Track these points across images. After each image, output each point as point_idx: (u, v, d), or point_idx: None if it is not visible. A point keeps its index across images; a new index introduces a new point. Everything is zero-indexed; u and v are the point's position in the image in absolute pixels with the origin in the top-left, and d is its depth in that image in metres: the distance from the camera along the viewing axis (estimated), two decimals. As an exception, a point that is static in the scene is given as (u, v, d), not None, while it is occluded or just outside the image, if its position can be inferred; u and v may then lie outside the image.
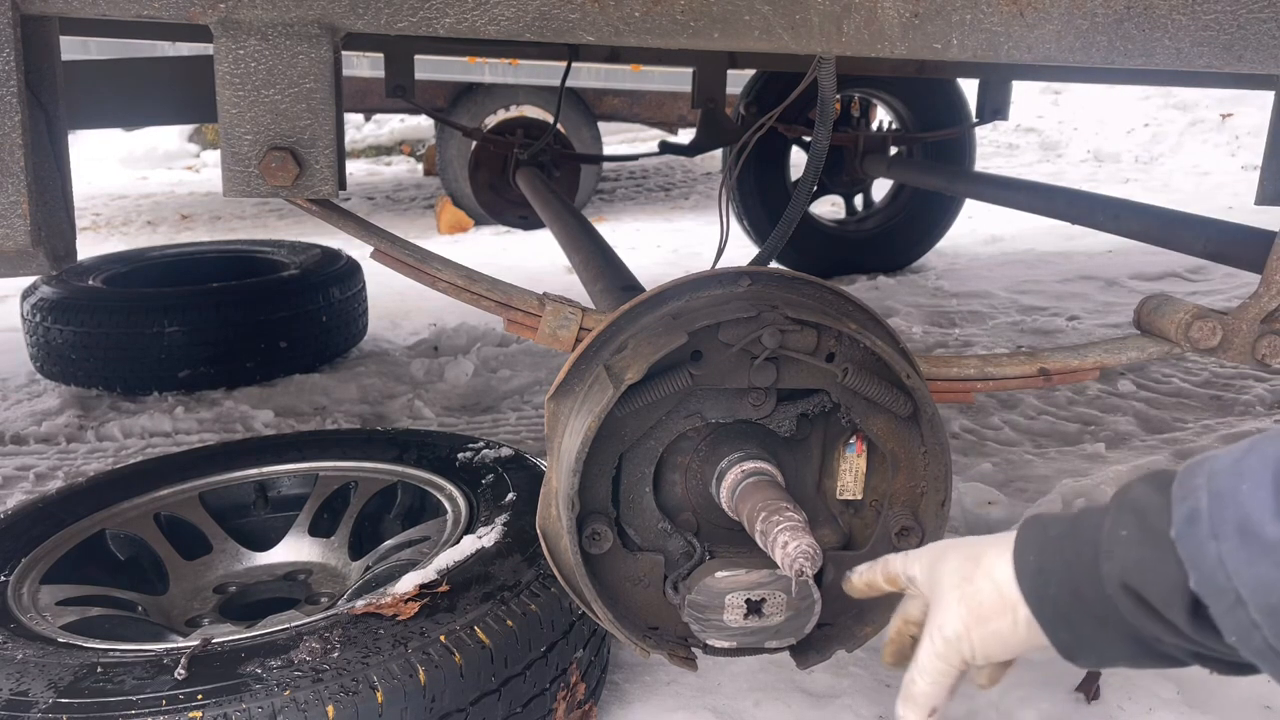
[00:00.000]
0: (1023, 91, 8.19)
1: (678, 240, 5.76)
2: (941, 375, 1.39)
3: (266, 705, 1.14)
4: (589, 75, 5.98)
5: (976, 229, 5.59)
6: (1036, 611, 0.81)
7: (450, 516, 1.63)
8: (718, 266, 1.33)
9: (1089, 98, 9.60)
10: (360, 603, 1.33)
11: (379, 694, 1.18)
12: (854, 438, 1.26)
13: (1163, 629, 0.73)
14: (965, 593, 0.86)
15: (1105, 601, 0.76)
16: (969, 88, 4.36)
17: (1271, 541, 0.62)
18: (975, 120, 4.17)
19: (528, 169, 3.71)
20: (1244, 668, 0.71)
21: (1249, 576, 0.63)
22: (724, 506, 1.21)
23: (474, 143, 4.44)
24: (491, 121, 6.03)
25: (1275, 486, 0.63)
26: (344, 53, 1.60)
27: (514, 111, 6.16)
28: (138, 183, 8.34)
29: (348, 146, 8.97)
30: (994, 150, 8.84)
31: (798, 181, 2.35)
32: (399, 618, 1.28)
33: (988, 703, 1.61)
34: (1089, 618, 0.78)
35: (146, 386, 3.09)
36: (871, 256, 4.65)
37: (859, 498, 1.28)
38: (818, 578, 1.20)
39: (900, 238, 4.68)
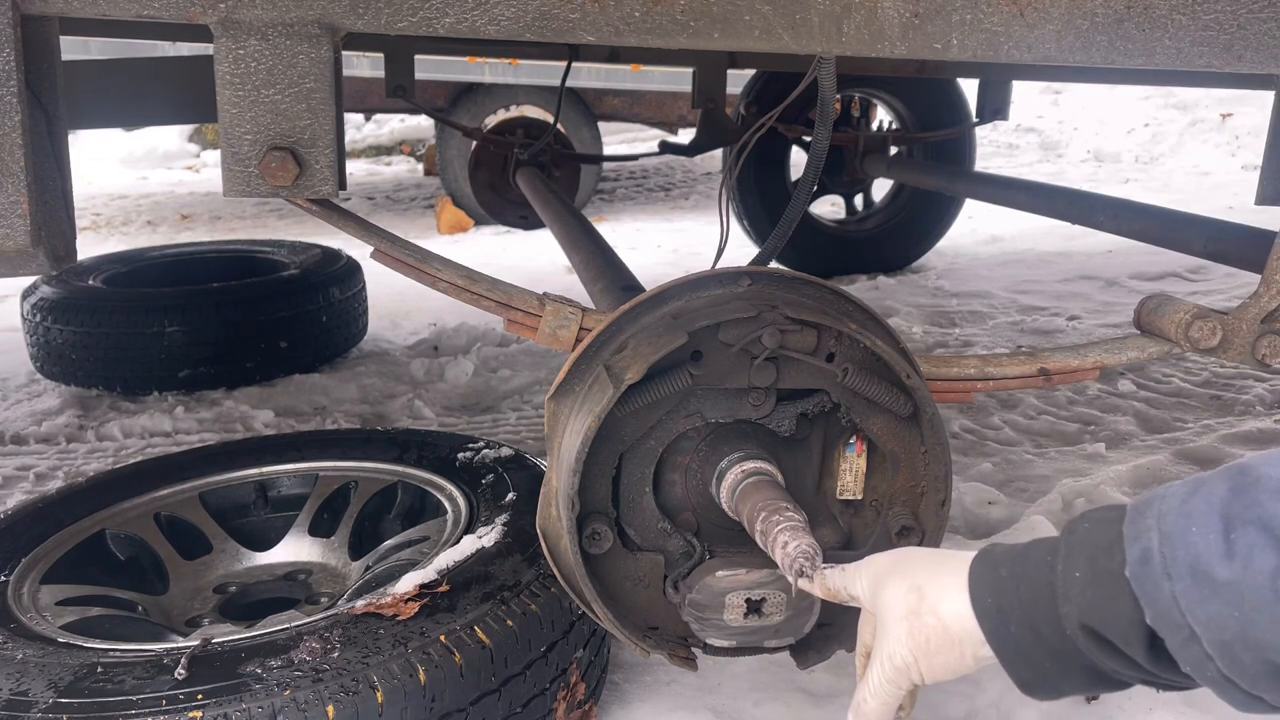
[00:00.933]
0: (1023, 91, 8.19)
1: (678, 240, 5.76)
2: (941, 375, 1.39)
3: (266, 705, 1.14)
4: (589, 75, 5.98)
5: (976, 229, 5.59)
6: (998, 649, 0.84)
7: (450, 516, 1.63)
8: (718, 266, 1.33)
9: (1089, 98, 9.60)
10: (360, 603, 1.33)
11: (379, 694, 1.18)
12: (854, 438, 1.26)
13: (1121, 663, 0.77)
14: (912, 626, 0.89)
15: (1063, 639, 0.79)
16: (969, 88, 4.36)
17: (1221, 582, 0.67)
18: (975, 120, 4.17)
19: (528, 169, 3.71)
20: (1186, 688, 0.76)
21: (1201, 614, 0.68)
22: (724, 506, 1.21)
23: (474, 143, 4.44)
24: (491, 121, 6.03)
25: (1223, 529, 0.68)
26: (344, 53, 1.60)
27: (514, 111, 6.16)
28: (138, 183, 8.34)
29: (348, 146, 8.97)
30: (994, 150, 8.84)
31: (798, 181, 2.35)
32: (399, 618, 1.28)
33: (987, 703, 1.61)
34: (1047, 654, 0.81)
35: (146, 386, 3.09)
36: (871, 256, 4.65)
37: (859, 498, 1.28)
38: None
39: (900, 238, 4.68)
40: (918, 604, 0.89)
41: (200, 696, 1.15)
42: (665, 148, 3.96)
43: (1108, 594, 0.75)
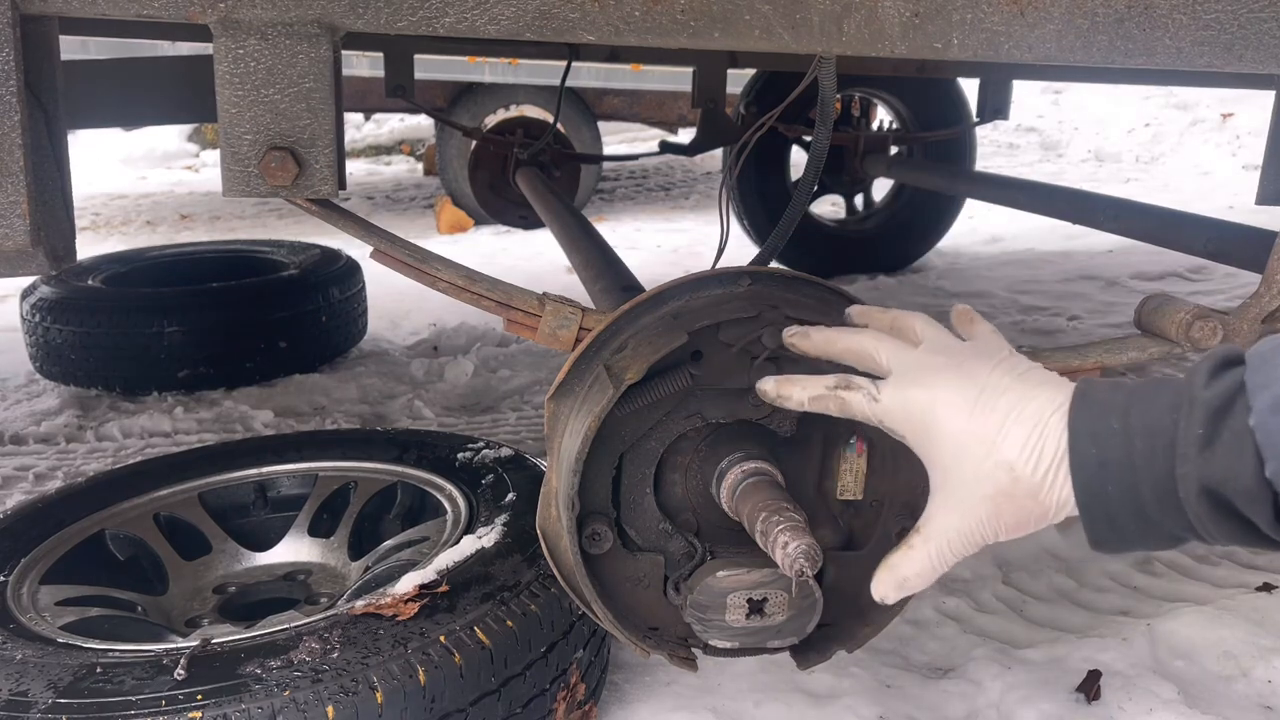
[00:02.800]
0: (1023, 91, 8.19)
1: (678, 240, 5.76)
2: (942, 375, 1.38)
3: (266, 705, 1.14)
4: (589, 75, 5.98)
5: (977, 229, 5.58)
6: (1085, 505, 0.77)
7: (450, 517, 1.63)
8: (718, 266, 1.32)
9: (1089, 98, 9.60)
10: (360, 603, 1.33)
11: (379, 694, 1.18)
12: (854, 438, 1.25)
13: (1236, 529, 0.70)
14: (1000, 506, 0.80)
15: (1165, 503, 0.72)
16: (969, 87, 4.36)
17: None
18: (976, 120, 4.16)
19: (527, 169, 3.71)
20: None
21: None
22: (724, 506, 1.21)
23: (474, 142, 4.44)
24: (491, 121, 6.03)
25: None
26: (344, 52, 1.59)
27: (514, 111, 6.15)
28: (137, 183, 8.33)
29: (348, 146, 8.97)
30: (994, 150, 8.84)
31: (798, 181, 2.35)
32: (399, 618, 1.28)
33: (988, 703, 1.61)
34: (1138, 517, 0.74)
35: (146, 386, 3.09)
36: (872, 256, 4.65)
37: (859, 498, 1.28)
38: (818, 577, 1.20)
39: (900, 238, 4.68)
40: (1010, 485, 0.80)
41: (200, 697, 1.15)
42: (665, 148, 3.96)
43: (1232, 451, 0.67)
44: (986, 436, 0.82)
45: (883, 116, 4.57)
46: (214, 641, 1.26)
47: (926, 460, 0.88)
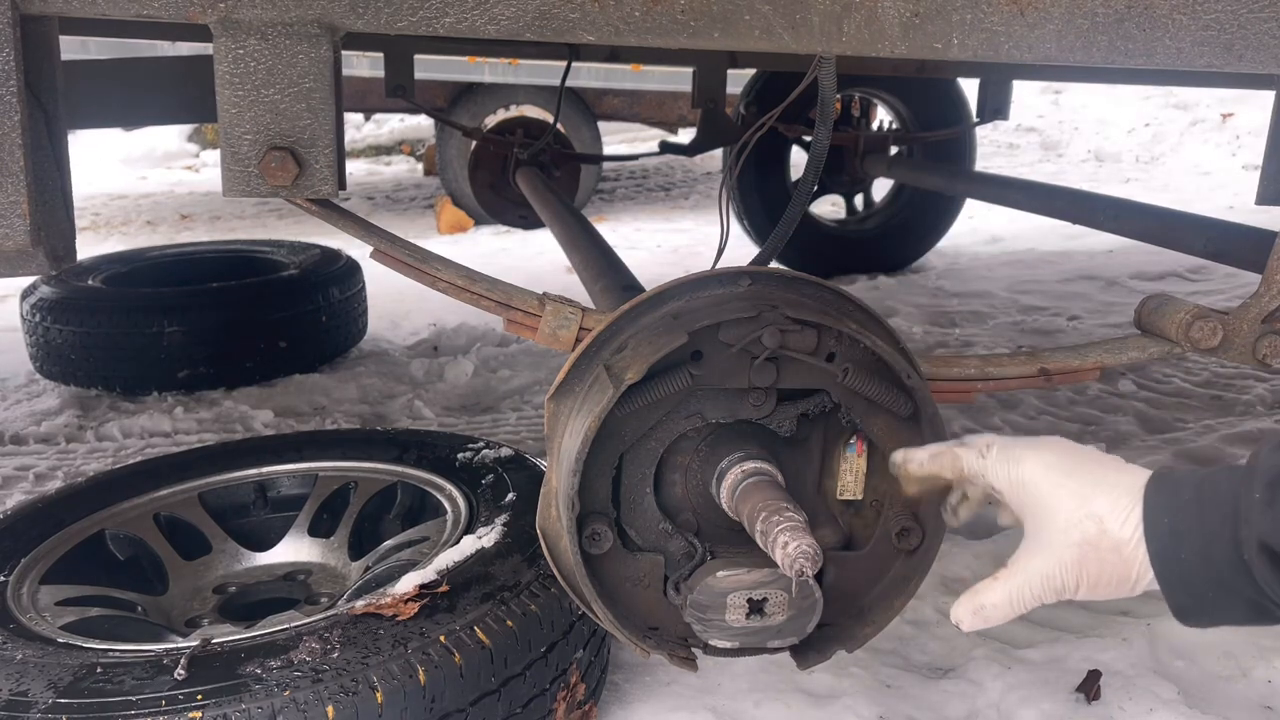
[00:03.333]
0: (1023, 91, 8.19)
1: (678, 240, 5.76)
2: (942, 375, 1.38)
3: (266, 705, 1.14)
4: (589, 75, 5.98)
5: (977, 229, 5.58)
6: (1161, 573, 0.82)
7: (450, 517, 1.63)
8: (718, 266, 1.32)
9: (1089, 98, 9.60)
10: (360, 603, 1.33)
11: (379, 694, 1.18)
12: (854, 438, 1.25)
13: None
14: (1086, 556, 0.86)
15: (1236, 566, 0.77)
16: (969, 87, 4.36)
17: None
18: (975, 120, 4.16)
19: (527, 169, 3.70)
20: None
21: None
22: (724, 507, 1.21)
23: (474, 142, 4.44)
24: (491, 121, 6.03)
25: None
26: (344, 53, 1.59)
27: (514, 111, 6.15)
28: (137, 183, 8.33)
29: (348, 146, 8.97)
30: (994, 150, 8.84)
31: (798, 181, 2.35)
32: (399, 618, 1.28)
33: (988, 703, 1.61)
34: (1213, 582, 0.80)
35: (146, 386, 3.09)
36: (872, 256, 4.65)
37: (859, 498, 1.28)
38: (818, 577, 1.20)
39: (900, 238, 4.68)
40: (1097, 537, 0.86)
41: (200, 697, 1.15)
42: (665, 148, 3.96)
43: None
44: (1081, 492, 0.89)
45: (883, 116, 4.57)
46: (214, 641, 1.26)
47: (1023, 513, 0.93)
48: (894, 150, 4.36)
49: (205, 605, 1.69)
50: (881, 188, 4.74)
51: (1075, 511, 0.87)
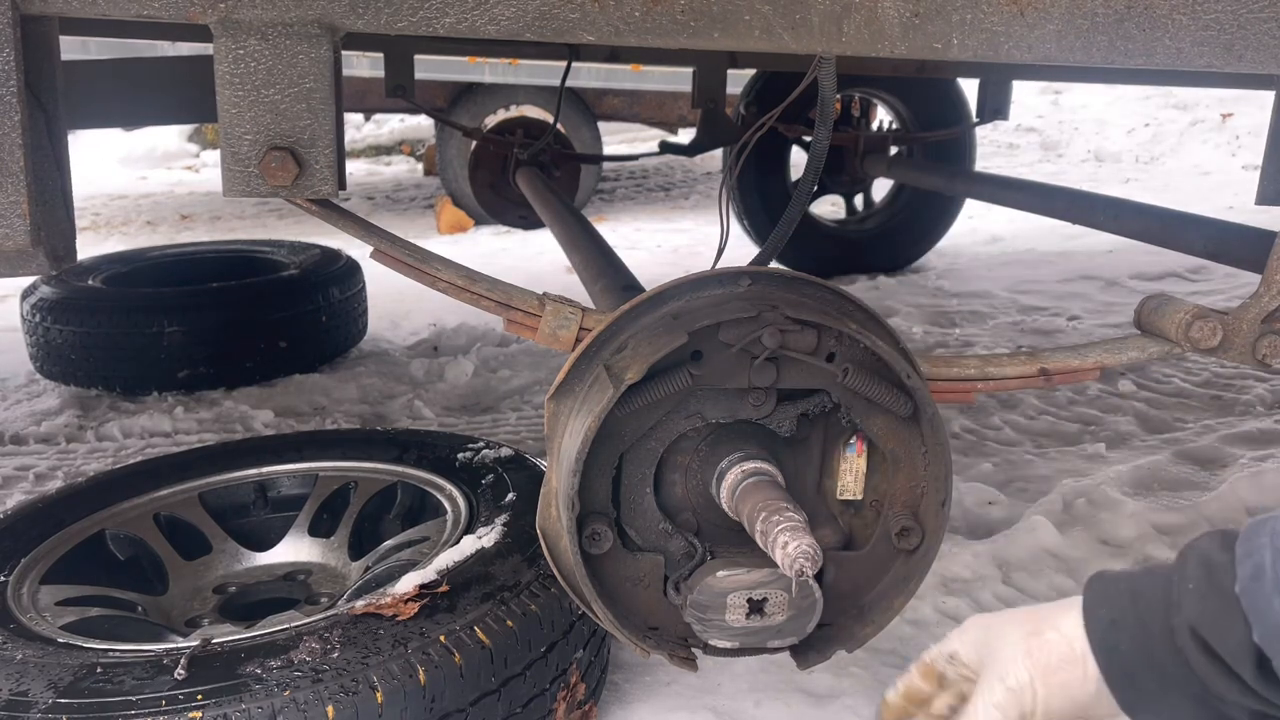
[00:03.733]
0: (1023, 91, 8.19)
1: (678, 240, 5.76)
2: (942, 375, 1.38)
3: (266, 705, 1.14)
4: (589, 75, 5.98)
5: (977, 229, 5.58)
6: (1104, 666, 0.83)
7: (450, 517, 1.63)
8: (718, 266, 1.33)
9: (1089, 98, 9.60)
10: (360, 603, 1.33)
11: (379, 694, 1.18)
12: (854, 438, 1.25)
13: (1228, 683, 0.75)
14: (1031, 645, 0.86)
15: (1174, 656, 0.78)
16: (969, 87, 4.36)
17: None
18: (975, 120, 4.16)
19: (528, 169, 3.70)
20: None
21: None
22: (724, 506, 1.21)
23: (474, 142, 4.44)
24: (491, 121, 6.02)
25: None
26: (344, 53, 1.59)
27: (514, 111, 6.15)
28: (137, 183, 8.33)
29: (348, 146, 8.97)
30: (994, 150, 8.84)
31: (798, 181, 2.35)
32: (399, 618, 1.28)
33: (988, 703, 1.61)
34: (1155, 675, 0.80)
35: (146, 386, 3.09)
36: (871, 256, 4.65)
37: (859, 498, 1.28)
38: (818, 577, 1.20)
39: (900, 238, 4.68)
40: (1039, 625, 0.87)
41: (200, 697, 1.15)
42: (665, 148, 3.96)
43: (1219, 609, 0.74)
44: (1026, 615, 0.90)
45: (883, 116, 4.57)
46: (214, 641, 1.26)
47: (981, 665, 0.92)
48: (894, 150, 4.36)
49: (205, 605, 1.69)
50: (881, 188, 4.74)
51: (1015, 623, 0.89)
